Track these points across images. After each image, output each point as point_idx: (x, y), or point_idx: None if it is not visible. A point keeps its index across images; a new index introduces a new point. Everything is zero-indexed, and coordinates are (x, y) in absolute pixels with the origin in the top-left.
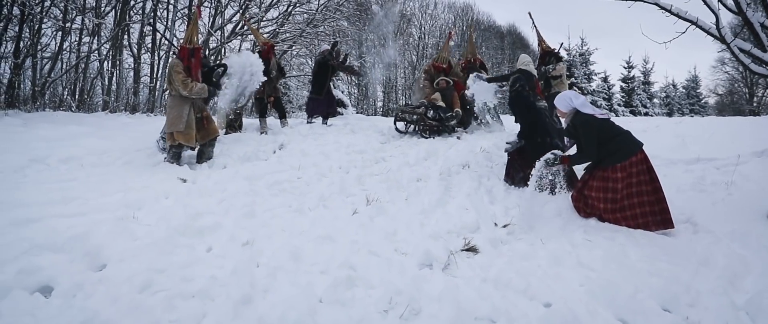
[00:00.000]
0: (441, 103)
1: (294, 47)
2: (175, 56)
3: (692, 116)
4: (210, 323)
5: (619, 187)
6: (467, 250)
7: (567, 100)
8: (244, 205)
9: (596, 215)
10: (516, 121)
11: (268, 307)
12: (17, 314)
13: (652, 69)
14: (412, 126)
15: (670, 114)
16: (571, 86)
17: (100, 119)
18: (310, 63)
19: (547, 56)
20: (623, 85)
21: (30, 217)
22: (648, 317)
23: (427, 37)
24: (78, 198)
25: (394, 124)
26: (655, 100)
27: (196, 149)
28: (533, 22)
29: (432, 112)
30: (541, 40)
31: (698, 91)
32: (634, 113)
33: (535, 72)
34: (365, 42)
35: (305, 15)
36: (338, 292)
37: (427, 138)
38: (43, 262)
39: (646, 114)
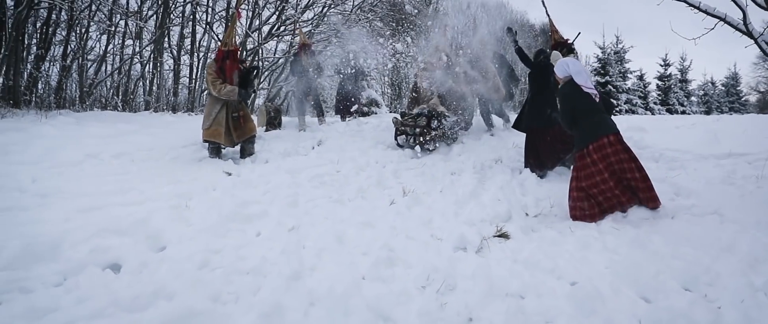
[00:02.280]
0: (441, 109)
1: (328, 48)
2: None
3: (731, 114)
4: (265, 294)
5: (600, 167)
6: (499, 236)
7: (564, 66)
8: (287, 195)
9: (595, 207)
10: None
11: (316, 282)
12: (93, 287)
13: (689, 66)
14: (413, 138)
15: (708, 112)
16: (604, 84)
17: (146, 118)
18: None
19: (559, 47)
20: (659, 83)
21: (93, 205)
22: (668, 295)
23: (460, 36)
24: (133, 189)
25: (395, 138)
26: (693, 99)
27: (238, 146)
28: (546, 10)
29: (436, 122)
30: (553, 30)
31: (738, 88)
32: (670, 112)
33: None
34: (398, 41)
35: (339, 16)
36: (379, 270)
37: (430, 151)
38: (110, 244)
39: (683, 112)
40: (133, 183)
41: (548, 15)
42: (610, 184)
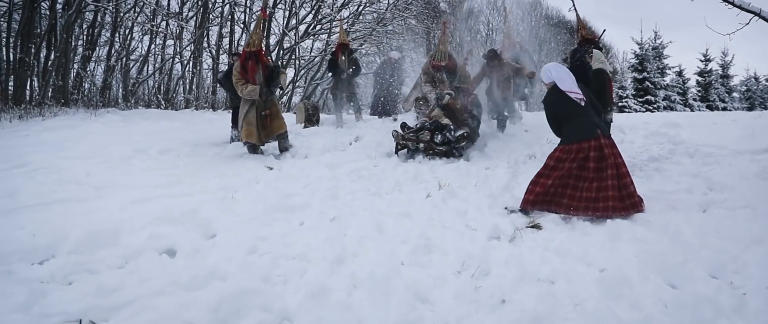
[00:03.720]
0: (445, 121)
1: (363, 46)
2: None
3: None
4: (311, 277)
5: (572, 166)
6: (532, 227)
7: (547, 72)
8: (327, 189)
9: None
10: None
11: (358, 266)
12: (152, 269)
13: (731, 62)
14: (416, 152)
15: (751, 108)
16: (642, 81)
17: (188, 115)
18: (378, 61)
19: (586, 45)
20: (699, 78)
21: (145, 197)
22: (695, 282)
23: (494, 33)
24: (181, 182)
25: (396, 152)
26: (735, 94)
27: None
28: (574, 5)
29: (439, 136)
30: (580, 26)
31: None
32: (710, 108)
33: (609, 69)
34: (433, 39)
35: (374, 14)
36: (417, 256)
37: (430, 161)
38: (164, 231)
39: (724, 108)
40: (180, 177)
41: (576, 12)
42: (569, 182)
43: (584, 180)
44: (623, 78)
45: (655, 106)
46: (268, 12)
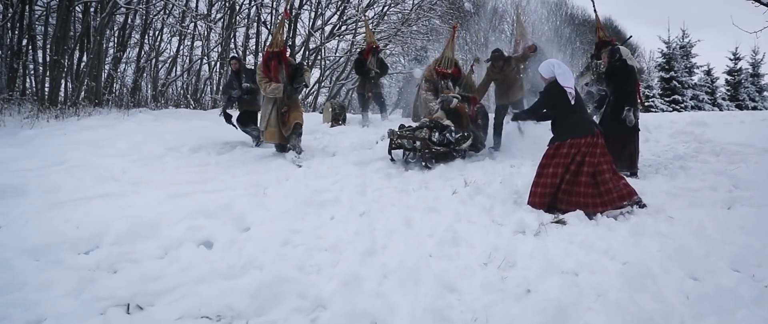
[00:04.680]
0: (447, 122)
1: (388, 46)
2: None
3: None
4: (343, 267)
5: (566, 162)
6: (557, 222)
7: (550, 67)
8: (355, 185)
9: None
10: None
11: (388, 257)
12: (191, 259)
13: (761, 60)
14: (412, 153)
15: None
16: (669, 80)
17: (217, 115)
18: (403, 62)
19: (603, 46)
20: (729, 77)
21: (180, 192)
22: (717, 275)
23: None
24: (214, 179)
25: (389, 152)
26: (766, 94)
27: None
28: (594, 6)
29: (437, 134)
30: (598, 28)
31: None
32: (740, 107)
33: (636, 65)
34: (457, 40)
35: (399, 15)
36: (445, 249)
37: (430, 168)
38: (201, 224)
39: (754, 108)
40: (212, 174)
41: (596, 13)
42: (566, 178)
43: (581, 174)
44: (650, 77)
45: (682, 105)
46: (291, 13)
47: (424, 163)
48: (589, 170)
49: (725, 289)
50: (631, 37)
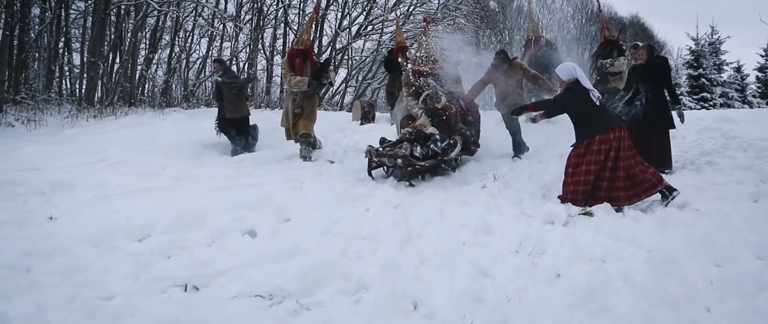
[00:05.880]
0: (431, 130)
1: (413, 46)
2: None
3: None
4: (382, 253)
5: (600, 158)
6: (584, 214)
7: (570, 69)
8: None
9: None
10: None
11: (424, 245)
12: (237, 247)
13: None
14: (395, 171)
15: None
16: (697, 78)
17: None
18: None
19: (608, 47)
20: (760, 74)
21: (222, 186)
22: (740, 262)
23: (544, 31)
24: (252, 174)
25: (369, 173)
26: None
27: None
28: (599, 6)
29: (420, 148)
30: (604, 27)
31: None
32: None
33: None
34: (482, 39)
35: (424, 14)
36: (478, 238)
37: (412, 186)
38: (244, 215)
39: None
40: (249, 169)
41: (601, 12)
42: (604, 174)
43: (618, 170)
44: (678, 75)
45: (711, 103)
46: (320, 12)
47: (408, 183)
48: (624, 164)
49: (748, 274)
50: (623, 27)
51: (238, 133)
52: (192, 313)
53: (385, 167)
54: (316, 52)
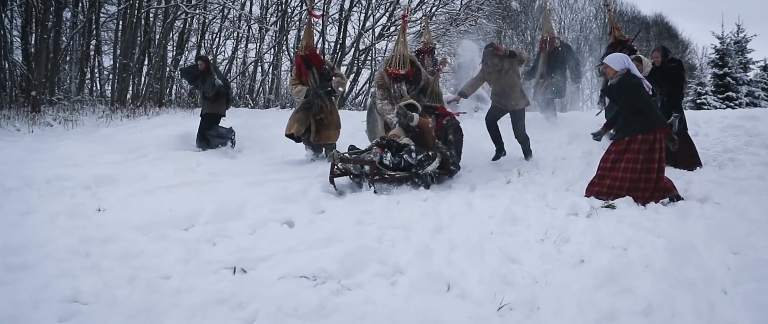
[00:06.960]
0: (405, 141)
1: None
2: None
3: None
4: (415, 241)
5: (637, 157)
6: (607, 207)
7: (621, 60)
8: None
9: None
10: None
11: (454, 234)
12: (277, 235)
13: None
14: (362, 178)
15: None
16: (722, 77)
17: (275, 113)
18: (449, 62)
19: (618, 48)
20: None
21: (257, 181)
22: (758, 250)
23: (566, 31)
24: (284, 170)
25: (331, 181)
26: None
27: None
28: (608, 5)
29: (390, 156)
30: (613, 27)
31: None
32: None
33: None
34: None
35: (447, 14)
36: (505, 227)
37: (381, 194)
38: (281, 207)
39: None
40: (281, 165)
41: (610, 13)
42: (637, 175)
43: (652, 171)
44: (703, 74)
45: (736, 102)
46: (319, 14)
47: (373, 189)
48: (662, 166)
49: (765, 261)
50: (639, 32)
51: (207, 128)
52: (245, 289)
53: (350, 174)
54: (339, 53)
